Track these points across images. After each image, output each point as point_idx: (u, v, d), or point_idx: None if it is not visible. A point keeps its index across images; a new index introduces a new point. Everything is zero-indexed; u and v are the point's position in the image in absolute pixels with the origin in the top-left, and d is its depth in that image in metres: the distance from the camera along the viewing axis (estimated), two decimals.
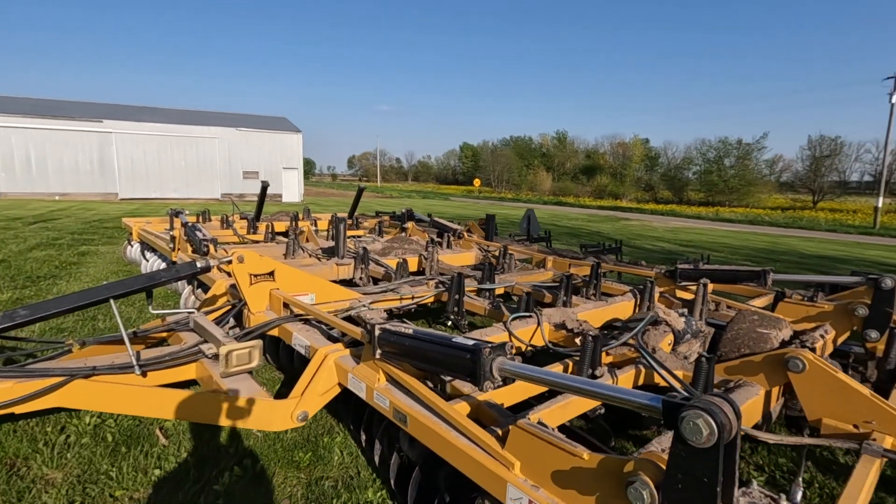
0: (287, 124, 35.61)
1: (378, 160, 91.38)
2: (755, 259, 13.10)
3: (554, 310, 3.17)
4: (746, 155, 59.28)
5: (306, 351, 2.59)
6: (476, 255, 5.89)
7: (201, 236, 4.27)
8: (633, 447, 2.90)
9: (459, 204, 39.94)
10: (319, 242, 5.82)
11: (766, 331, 3.04)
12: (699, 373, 2.12)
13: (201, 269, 2.76)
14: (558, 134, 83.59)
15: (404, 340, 1.87)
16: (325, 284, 3.37)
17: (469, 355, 1.59)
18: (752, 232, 23.71)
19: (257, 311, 3.00)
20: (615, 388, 1.26)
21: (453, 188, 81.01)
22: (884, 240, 22.31)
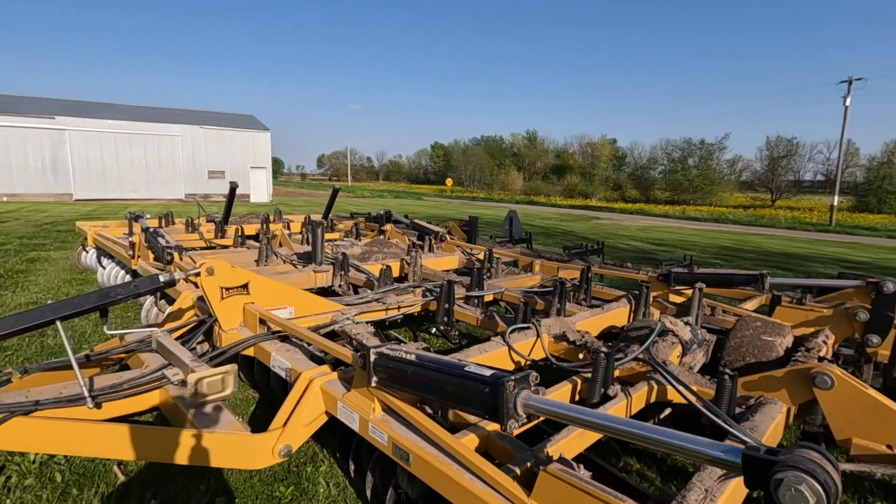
0: (255, 122, 34.56)
1: (349, 159, 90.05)
2: (724, 257, 13.37)
3: (553, 320, 2.98)
4: (709, 155, 61.23)
5: (287, 374, 2.32)
6: (459, 258, 5.67)
7: (164, 243, 3.90)
8: (650, 471, 2.74)
9: (433, 204, 39.70)
10: (294, 247, 5.48)
11: (770, 338, 2.94)
12: (722, 391, 1.96)
13: (164, 284, 2.45)
14: (529, 133, 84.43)
15: (406, 368, 1.63)
16: (304, 296, 3.08)
17: (488, 388, 1.37)
18: (718, 230, 24.36)
19: (230, 328, 2.70)
20: (678, 435, 1.07)
21: (425, 188, 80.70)
22: (840, 237, 23.28)
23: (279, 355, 2.40)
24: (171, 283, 2.48)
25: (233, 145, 31.89)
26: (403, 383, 1.65)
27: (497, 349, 2.59)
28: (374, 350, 1.77)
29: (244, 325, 2.77)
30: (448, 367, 1.52)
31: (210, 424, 2.05)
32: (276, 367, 2.41)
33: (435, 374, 1.53)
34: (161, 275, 2.44)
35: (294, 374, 2.26)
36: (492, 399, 1.35)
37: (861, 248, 18.27)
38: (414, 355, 1.66)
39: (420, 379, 1.58)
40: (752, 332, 2.99)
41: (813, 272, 11.46)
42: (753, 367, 2.86)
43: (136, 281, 2.37)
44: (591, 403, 2.14)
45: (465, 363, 1.52)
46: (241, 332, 2.70)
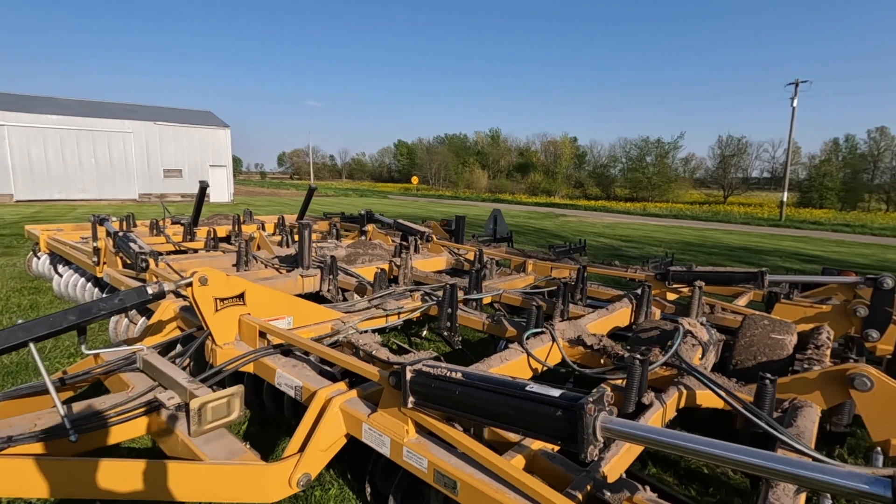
0: (213, 118, 33.17)
1: (311, 157, 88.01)
2: (690, 252, 13.78)
3: (566, 323, 2.89)
4: (665, 154, 63.47)
5: (297, 392, 2.11)
6: (447, 259, 5.53)
7: (137, 248, 3.57)
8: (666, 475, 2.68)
9: (399, 202, 39.33)
10: (273, 249, 5.19)
11: (780, 336, 2.94)
12: (764, 396, 1.90)
13: (153, 297, 2.19)
14: (492, 132, 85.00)
15: (452, 388, 1.48)
16: (301, 304, 2.86)
17: (561, 412, 1.23)
18: (678, 226, 25.19)
19: (224, 342, 2.46)
20: (808, 465, 0.97)
21: (390, 186, 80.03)
22: (791, 231, 24.52)
23: (286, 372, 2.19)
24: (161, 295, 2.22)
25: (190, 142, 30.49)
26: (449, 405, 1.50)
27: (516, 357, 2.47)
28: (411, 367, 1.61)
29: (240, 338, 2.53)
30: (506, 387, 1.37)
31: (215, 454, 1.83)
32: (282, 384, 2.20)
33: (490, 396, 1.38)
34: (149, 286, 2.18)
35: (306, 392, 2.06)
36: (567, 424, 1.22)
37: (811, 241, 19.27)
38: (460, 373, 1.50)
39: (471, 400, 1.42)
40: (761, 330, 2.98)
41: (774, 265, 11.96)
42: (764, 366, 2.86)
43: (120, 294, 2.10)
44: (625, 413, 2.04)
45: (522, 381, 1.38)
46: (238, 347, 2.46)
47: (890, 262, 13.43)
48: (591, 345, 2.68)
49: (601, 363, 2.59)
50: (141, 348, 2.36)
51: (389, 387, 1.72)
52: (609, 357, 2.56)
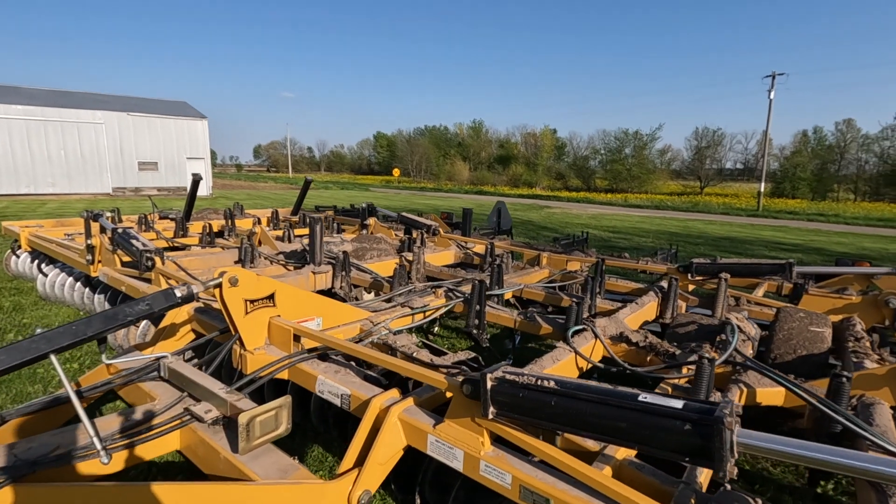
0: (189, 109, 32.10)
1: (288, 150, 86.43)
2: (678, 242, 13.91)
3: (606, 319, 2.79)
4: (644, 145, 64.26)
5: (344, 401, 1.96)
6: (455, 253, 5.39)
7: (142, 246, 3.33)
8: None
9: (381, 195, 38.91)
10: (276, 245, 4.97)
11: (819, 329, 2.90)
12: (842, 393, 1.82)
13: (182, 300, 1.99)
14: (474, 123, 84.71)
15: (546, 399, 1.35)
16: (330, 305, 2.70)
17: (690, 426, 1.12)
18: (661, 216, 25.52)
19: (255, 347, 2.28)
20: None
21: (371, 178, 79.17)
22: (769, 221, 25.09)
23: (329, 378, 2.03)
24: (190, 297, 2.03)
25: (165, 134, 29.45)
26: (542, 416, 1.37)
27: (566, 356, 2.36)
28: (492, 376, 1.48)
29: (270, 342, 2.36)
30: (616, 398, 1.25)
31: (267, 473, 1.67)
32: (325, 392, 2.04)
33: (596, 408, 1.26)
34: (177, 289, 1.99)
35: (356, 401, 1.91)
36: (699, 439, 1.10)
37: (789, 230, 19.75)
38: (553, 381, 1.38)
39: (571, 412, 1.30)
40: (799, 323, 2.94)
41: (759, 255, 12.18)
42: (805, 359, 2.82)
43: (147, 299, 1.91)
44: None
45: (630, 391, 1.27)
46: (269, 352, 2.29)
47: (867, 250, 13.82)
48: (636, 341, 2.59)
49: (648, 361, 2.50)
50: (164, 355, 2.17)
51: (462, 396, 1.59)
52: (658, 354, 2.48)
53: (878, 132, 54.57)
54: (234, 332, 2.26)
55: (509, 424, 1.50)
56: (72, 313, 4.85)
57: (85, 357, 3.68)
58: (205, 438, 1.83)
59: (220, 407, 1.87)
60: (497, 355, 3.94)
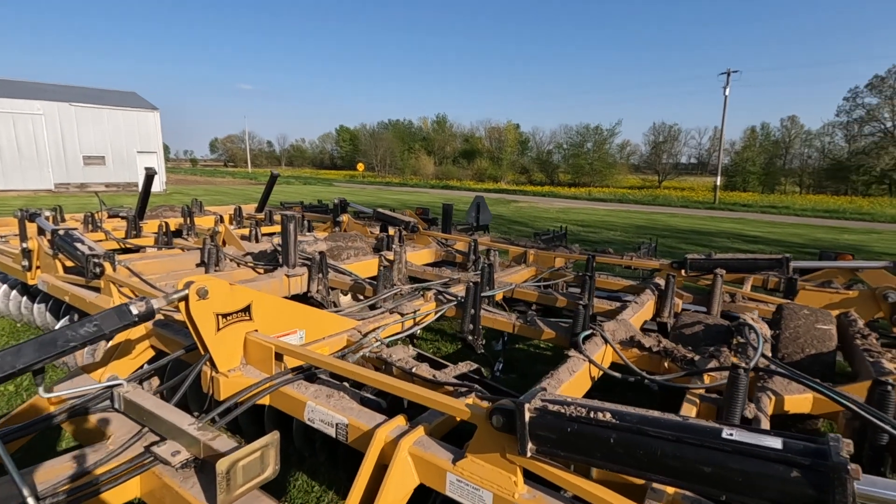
0: (139, 100, 30.28)
1: (247, 143, 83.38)
2: (646, 235, 14.12)
3: (614, 322, 2.60)
4: (604, 140, 65.66)
5: (341, 431, 1.68)
6: (436, 251, 5.13)
7: (87, 249, 2.90)
8: None
9: (347, 190, 38.10)
10: (242, 245, 4.56)
11: (825, 326, 2.81)
12: (888, 402, 1.68)
13: (140, 318, 1.65)
14: (438, 117, 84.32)
15: (605, 435, 1.12)
16: (313, 314, 2.39)
17: (798, 472, 0.91)
18: (625, 210, 26.03)
19: (229, 368, 1.96)
20: None
21: (334, 173, 77.56)
22: (726, 213, 26.01)
23: (321, 405, 1.74)
24: (150, 314, 1.69)
25: (113, 126, 27.65)
26: (596, 455, 1.14)
27: (580, 367, 2.15)
28: (530, 406, 1.23)
29: (246, 362, 2.03)
30: (696, 435, 1.03)
31: None
32: (316, 420, 1.75)
33: (673, 448, 1.04)
34: (133, 305, 1.65)
35: (355, 431, 1.63)
36: (811, 490, 0.90)
37: (747, 222, 20.49)
38: (609, 412, 1.15)
39: (640, 453, 1.07)
40: (804, 321, 2.84)
41: (724, 246, 12.50)
42: (814, 358, 2.72)
43: (95, 318, 1.56)
44: None
45: (713, 426, 1.05)
46: (247, 374, 1.97)
47: (820, 240, 14.44)
48: (649, 346, 2.41)
49: (665, 367, 2.33)
50: (119, 383, 1.82)
51: (490, 427, 1.34)
52: (675, 361, 2.30)
53: (820, 128, 57.82)
54: (203, 352, 1.92)
55: (550, 462, 1.27)
56: (7, 325, 4.31)
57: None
58: (172, 486, 1.51)
59: (190, 447, 1.56)
60: (490, 359, 3.72)
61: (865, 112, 50.63)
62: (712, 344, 2.74)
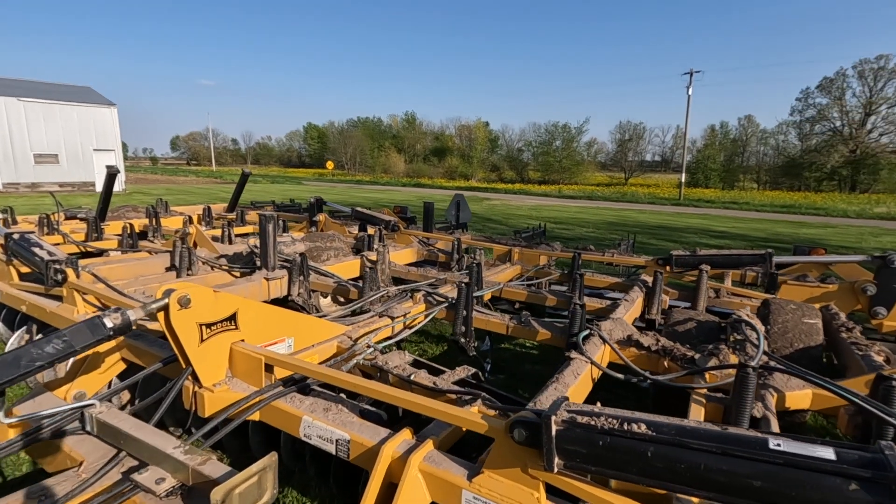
0: (95, 96, 28.82)
1: (211, 141, 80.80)
2: (618, 231, 14.38)
3: (611, 322, 2.56)
4: (573, 138, 66.73)
5: (342, 448, 1.56)
6: (418, 250, 5.02)
7: (47, 255, 2.67)
8: None
9: (316, 188, 37.41)
10: (216, 247, 4.34)
11: (812, 321, 2.85)
12: (892, 397, 1.69)
13: (116, 330, 1.49)
14: (407, 115, 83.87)
15: (641, 449, 1.05)
16: (302, 321, 2.26)
17: (858, 486, 0.86)
18: (596, 207, 26.48)
19: (214, 382, 1.81)
20: None
21: (302, 171, 76.06)
22: (691, 209, 26.80)
23: (319, 420, 1.62)
24: (126, 327, 1.53)
25: (67, 123, 26.22)
26: (631, 470, 1.07)
27: (583, 369, 2.10)
28: (557, 418, 1.15)
29: (232, 374, 1.89)
30: (741, 447, 0.97)
31: None
32: (313, 437, 1.63)
33: (718, 461, 0.98)
34: (107, 317, 1.48)
35: (358, 447, 1.52)
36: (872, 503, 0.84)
37: (712, 218, 21.14)
38: (644, 423, 1.08)
39: (681, 467, 1.01)
40: (792, 315, 2.88)
41: (693, 242, 12.83)
42: (803, 352, 2.76)
43: (65, 333, 1.40)
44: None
45: (758, 436, 0.99)
46: (233, 388, 1.83)
47: (781, 235, 15.03)
48: (647, 345, 2.38)
49: (665, 367, 2.30)
50: (91, 403, 1.65)
51: (510, 441, 1.25)
52: (674, 360, 2.28)
53: (774, 127, 60.39)
54: (184, 365, 1.77)
55: (576, 477, 1.19)
56: None
57: None
58: None
59: (176, 473, 1.41)
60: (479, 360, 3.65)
61: (816, 112, 53.17)
62: (704, 341, 2.74)
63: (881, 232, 17.27)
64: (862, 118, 49.93)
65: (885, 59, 47.37)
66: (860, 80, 49.41)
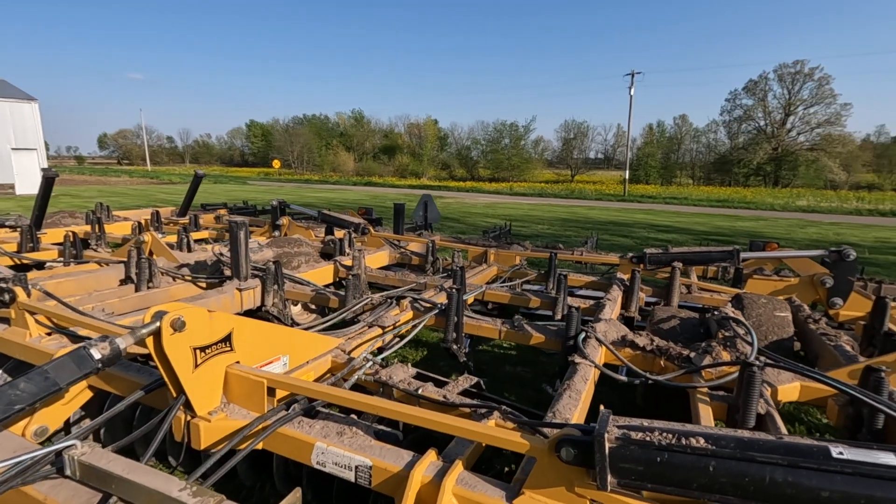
0: (12, 90, 26.24)
1: (144, 139, 75.92)
2: (573, 228, 14.79)
3: (605, 324, 2.59)
4: (520, 136, 68.10)
5: (363, 474, 1.47)
6: (390, 253, 4.90)
7: None
8: None
9: (263, 188, 36.05)
10: (175, 256, 4.04)
11: (783, 314, 3.01)
12: (882, 387, 1.79)
13: (105, 362, 1.31)
14: (355, 113, 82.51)
15: (702, 464, 1.04)
16: (297, 336, 2.12)
17: None
18: (547, 204, 27.10)
19: (209, 409, 1.65)
20: None
21: (247, 170, 73.08)
22: (636, 205, 28.00)
23: (334, 446, 1.51)
24: (115, 357, 1.36)
25: None
26: (693, 486, 1.05)
27: (590, 374, 2.10)
28: (611, 436, 1.12)
29: (228, 400, 1.73)
30: (805, 457, 0.98)
31: None
32: (328, 464, 1.52)
33: (785, 473, 0.97)
34: (94, 348, 1.31)
35: (381, 473, 1.43)
36: None
37: (656, 213, 22.17)
38: (702, 437, 1.07)
39: (745, 481, 1.00)
40: (764, 309, 3.03)
41: (643, 237, 13.39)
42: (777, 345, 2.91)
43: (45, 370, 1.22)
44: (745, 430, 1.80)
45: (819, 444, 1.00)
46: (231, 415, 1.68)
47: (721, 228, 15.98)
48: (642, 345, 2.42)
49: (661, 366, 2.34)
50: (71, 444, 1.46)
51: (555, 460, 1.21)
52: (670, 359, 2.32)
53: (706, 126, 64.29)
54: (175, 394, 1.60)
55: (630, 495, 1.17)
56: None
57: None
58: None
59: None
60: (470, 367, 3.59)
61: (743, 112, 57.12)
62: (688, 337, 2.83)
63: (806, 224, 18.76)
64: (782, 118, 54.12)
65: (800, 63, 51.58)
66: (780, 83, 53.55)
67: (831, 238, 14.38)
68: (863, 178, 52.47)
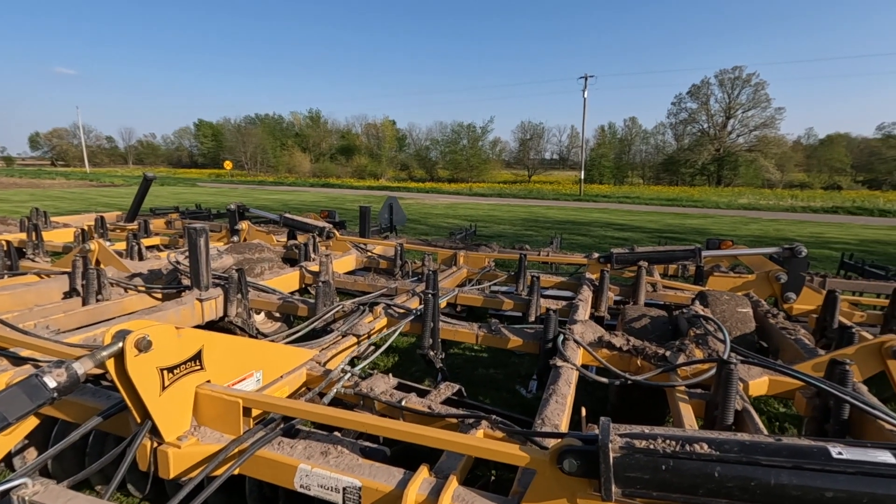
0: None
1: (82, 138, 71.16)
2: (534, 227, 15.02)
3: (581, 325, 2.60)
4: (478, 137, 68.78)
5: (350, 496, 1.39)
6: (356, 257, 4.78)
7: None
8: None
9: (215, 190, 34.66)
10: (125, 265, 3.77)
11: (745, 310, 3.13)
12: (847, 379, 1.87)
13: (62, 390, 1.17)
14: (311, 112, 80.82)
15: (708, 470, 1.03)
16: (270, 350, 2.00)
17: None
18: (507, 204, 27.45)
19: (178, 434, 1.52)
20: None
21: (196, 172, 70.04)
22: (591, 204, 28.82)
23: (319, 467, 1.43)
24: (73, 384, 1.22)
25: None
26: (698, 493, 1.05)
27: (573, 377, 2.09)
28: (615, 445, 1.10)
29: (198, 423, 1.61)
30: (807, 459, 0.99)
31: None
32: (313, 487, 1.43)
33: (790, 476, 0.98)
34: (47, 375, 1.17)
35: (373, 494, 1.36)
36: None
37: (610, 212, 22.90)
38: (706, 443, 1.06)
39: (751, 485, 1.00)
40: (727, 306, 3.14)
41: (602, 235, 13.78)
42: (740, 340, 3.02)
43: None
44: (725, 427, 1.84)
45: (818, 445, 1.02)
46: (203, 439, 1.56)
47: (672, 225, 16.67)
48: (619, 346, 2.45)
49: (638, 366, 2.37)
50: (21, 482, 1.31)
51: (556, 472, 1.18)
52: (646, 358, 2.36)
53: (653, 128, 67.16)
54: (139, 420, 1.47)
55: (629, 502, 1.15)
56: None
57: None
58: None
59: None
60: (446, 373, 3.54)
61: (688, 115, 60.03)
62: (659, 335, 2.90)
63: (748, 220, 19.88)
64: (723, 121, 57.23)
65: (739, 69, 54.72)
66: (721, 87, 56.60)
67: (772, 234, 15.30)
68: (795, 177, 56.35)
